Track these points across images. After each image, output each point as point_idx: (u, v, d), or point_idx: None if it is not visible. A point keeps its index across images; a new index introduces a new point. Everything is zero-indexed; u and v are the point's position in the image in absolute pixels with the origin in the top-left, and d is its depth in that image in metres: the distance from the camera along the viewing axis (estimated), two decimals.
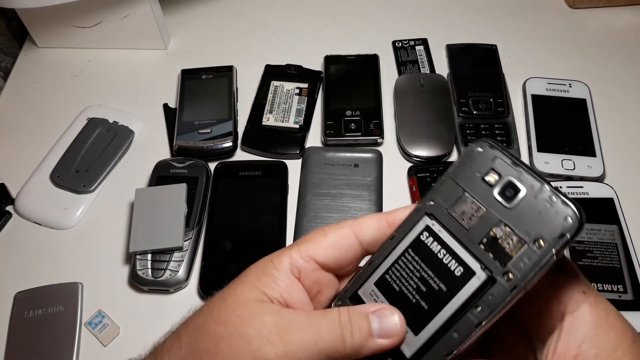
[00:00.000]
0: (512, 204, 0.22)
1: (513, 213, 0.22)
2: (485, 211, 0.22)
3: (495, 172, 0.22)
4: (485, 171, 0.23)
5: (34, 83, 0.61)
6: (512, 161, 0.22)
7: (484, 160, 0.23)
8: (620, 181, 0.50)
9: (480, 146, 0.23)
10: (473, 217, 0.23)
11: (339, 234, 0.25)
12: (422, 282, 0.24)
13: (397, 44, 0.62)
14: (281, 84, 0.57)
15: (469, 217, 0.23)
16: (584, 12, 0.64)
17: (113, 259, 0.48)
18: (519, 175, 0.22)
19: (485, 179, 0.22)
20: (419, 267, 0.24)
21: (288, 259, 0.24)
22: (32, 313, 0.44)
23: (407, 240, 0.24)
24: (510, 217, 0.22)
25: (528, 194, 0.21)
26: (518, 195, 0.22)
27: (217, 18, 0.66)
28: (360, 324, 0.23)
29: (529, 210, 0.21)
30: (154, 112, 0.57)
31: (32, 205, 0.50)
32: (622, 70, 0.59)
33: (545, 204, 0.21)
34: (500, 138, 0.52)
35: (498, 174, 0.22)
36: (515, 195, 0.22)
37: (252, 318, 0.22)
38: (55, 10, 0.57)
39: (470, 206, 0.23)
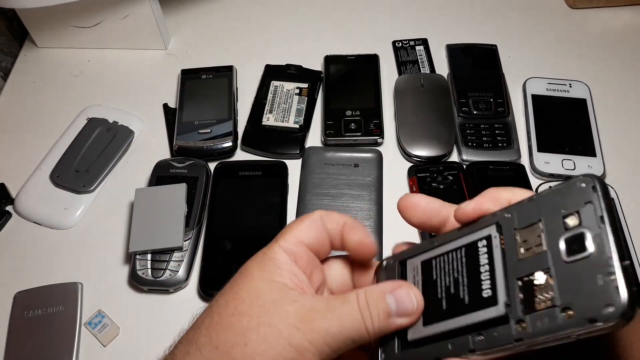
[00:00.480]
0: (570, 258, 0.19)
1: (565, 268, 0.19)
2: (543, 250, 0.20)
3: (578, 217, 0.20)
4: (570, 211, 0.20)
5: (34, 83, 0.61)
6: (602, 216, 0.19)
7: (578, 198, 0.20)
8: (621, 181, 0.50)
9: (585, 182, 0.20)
10: (530, 250, 0.21)
11: (312, 217, 0.26)
12: (454, 284, 0.23)
13: (397, 44, 0.62)
14: (281, 84, 0.57)
15: (527, 248, 0.21)
16: (584, 12, 0.64)
17: (113, 259, 0.48)
18: (598, 234, 0.19)
19: (565, 219, 0.20)
20: (460, 269, 0.24)
21: (279, 248, 0.25)
22: (31, 313, 0.44)
23: (468, 238, 0.24)
24: (560, 271, 0.19)
25: (592, 257, 0.19)
26: (582, 253, 0.19)
27: (217, 18, 0.66)
28: (378, 307, 0.23)
29: (581, 274, 0.19)
30: (153, 112, 0.57)
31: (31, 205, 0.50)
32: (623, 70, 0.59)
33: (600, 277, 0.18)
34: (501, 138, 0.52)
35: (579, 220, 0.19)
36: (579, 252, 0.19)
37: (275, 308, 0.23)
38: (55, 10, 0.57)
39: (535, 238, 0.21)
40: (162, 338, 0.43)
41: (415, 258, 0.26)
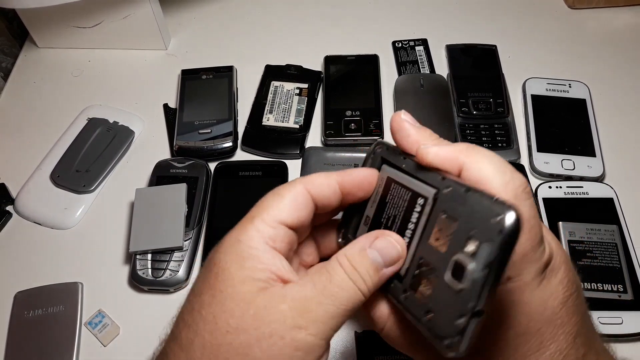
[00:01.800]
0: (449, 279, 0.21)
1: (443, 284, 0.21)
2: (442, 253, 0.22)
3: (475, 247, 0.20)
4: (475, 236, 0.21)
5: (34, 83, 0.61)
6: (490, 262, 0.20)
7: (487, 227, 0.20)
8: (620, 181, 0.50)
9: (500, 218, 0.20)
10: (437, 242, 0.22)
11: (294, 193, 0.24)
12: (392, 218, 0.25)
13: (397, 44, 0.62)
14: (281, 84, 0.57)
15: (437, 238, 0.23)
16: (583, 12, 0.64)
17: (113, 259, 0.48)
18: (475, 278, 0.20)
19: (468, 239, 0.21)
20: (400, 210, 0.25)
21: (256, 232, 0.23)
22: (32, 313, 0.44)
23: (417, 185, 0.24)
24: (439, 283, 0.21)
25: (460, 294, 0.20)
26: (457, 282, 0.21)
27: (217, 18, 0.66)
28: (365, 266, 0.23)
29: (449, 300, 0.21)
30: (154, 112, 0.57)
31: (32, 205, 0.50)
32: (622, 71, 0.59)
33: (456, 315, 0.20)
34: (500, 138, 0.52)
35: (475, 251, 0.20)
36: (456, 279, 0.21)
37: (268, 312, 0.21)
38: (56, 10, 0.57)
39: (445, 236, 0.22)
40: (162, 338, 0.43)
41: (389, 168, 0.27)
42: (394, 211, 0.25)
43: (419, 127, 0.26)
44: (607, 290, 0.43)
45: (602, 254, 0.44)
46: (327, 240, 0.29)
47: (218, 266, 0.23)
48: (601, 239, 0.45)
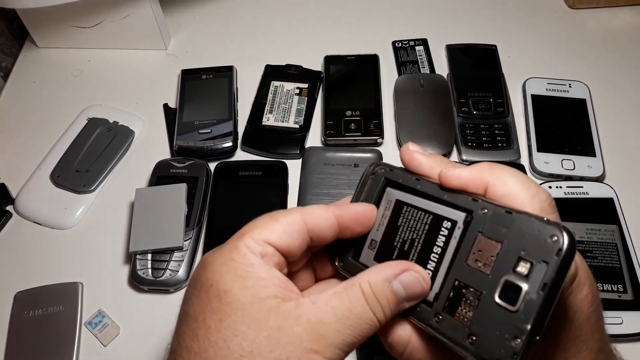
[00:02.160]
0: (499, 301, 0.21)
1: (491, 305, 0.21)
2: (487, 274, 0.21)
3: (528, 268, 0.20)
4: (527, 257, 0.20)
5: (34, 83, 0.61)
6: (546, 283, 0.19)
7: (541, 249, 0.20)
8: (620, 181, 0.50)
9: (558, 238, 0.20)
10: (478, 263, 0.22)
11: (289, 220, 0.24)
12: (410, 243, 0.25)
13: (397, 44, 0.62)
14: (281, 84, 0.57)
15: (477, 259, 0.22)
16: (583, 12, 0.64)
17: (113, 259, 0.48)
18: (531, 299, 0.20)
19: (519, 260, 0.20)
20: (419, 233, 0.24)
21: (247, 249, 0.23)
22: (32, 313, 0.44)
23: (439, 208, 0.24)
24: (486, 304, 0.21)
25: (514, 315, 0.20)
26: (509, 304, 0.20)
27: (217, 18, 0.66)
28: (387, 297, 0.22)
29: (498, 321, 0.20)
30: (154, 112, 0.57)
31: (32, 205, 0.50)
32: (622, 71, 0.59)
33: (507, 336, 0.20)
34: (500, 138, 0.52)
35: (528, 272, 0.20)
36: (508, 301, 0.20)
37: (283, 334, 0.21)
38: (56, 10, 0.57)
39: (488, 257, 0.22)
40: (162, 338, 0.43)
41: (395, 190, 0.26)
42: (410, 235, 0.25)
43: (430, 154, 0.26)
44: (607, 290, 0.43)
45: (602, 254, 0.44)
46: (324, 265, 0.28)
47: (217, 288, 0.22)
48: (601, 239, 0.45)
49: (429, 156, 0.26)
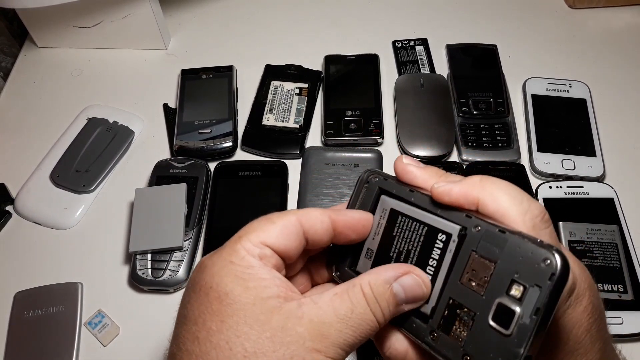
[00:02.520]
0: (493, 323, 0.20)
1: (484, 327, 0.21)
2: (480, 295, 0.21)
3: (522, 292, 0.20)
4: (520, 280, 0.20)
5: (34, 83, 0.61)
6: (539, 308, 0.19)
7: (534, 272, 0.20)
8: (621, 181, 0.50)
9: (551, 262, 0.19)
10: (472, 282, 0.22)
11: (285, 221, 0.24)
12: (405, 253, 0.24)
13: (397, 44, 0.62)
14: (281, 84, 0.57)
15: (471, 278, 0.22)
16: (583, 12, 0.64)
17: (113, 259, 0.48)
18: (524, 323, 0.19)
19: (512, 283, 0.20)
20: (415, 245, 0.24)
21: (245, 252, 0.23)
22: (31, 313, 0.44)
23: (434, 220, 0.24)
24: (479, 325, 0.21)
25: (507, 339, 0.20)
26: (502, 327, 0.20)
27: (217, 18, 0.66)
28: (387, 299, 0.22)
29: (491, 343, 0.20)
30: (154, 112, 0.57)
31: (32, 205, 0.50)
32: (622, 70, 0.59)
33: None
34: (501, 138, 0.52)
35: (521, 296, 0.20)
36: (501, 324, 0.20)
37: (285, 334, 0.21)
38: (56, 10, 0.57)
39: (482, 277, 0.22)
40: (162, 338, 0.43)
41: (390, 199, 0.26)
42: (406, 245, 0.25)
43: (424, 166, 0.26)
44: (608, 290, 0.43)
45: (603, 254, 0.44)
46: (321, 269, 0.28)
47: (217, 290, 0.22)
48: (601, 239, 0.45)
49: (423, 169, 0.26)
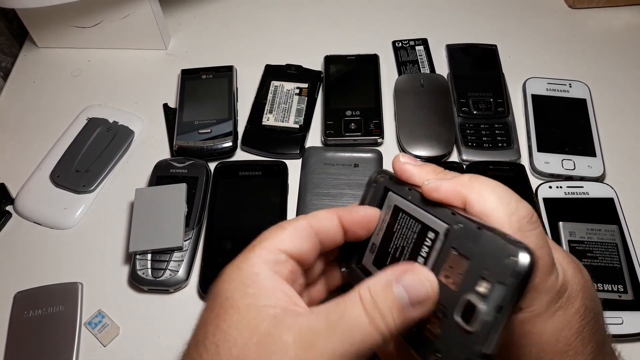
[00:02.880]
0: (459, 320, 0.20)
1: (453, 325, 0.20)
2: (454, 291, 0.21)
3: (488, 289, 0.20)
4: (488, 277, 0.20)
5: (34, 83, 0.61)
6: (501, 306, 0.19)
7: (500, 269, 0.19)
8: (621, 181, 0.50)
9: (514, 259, 0.19)
10: (448, 279, 0.22)
11: (296, 226, 0.24)
12: (401, 250, 0.25)
13: (397, 44, 0.62)
14: (281, 84, 0.57)
15: (447, 275, 0.22)
16: (583, 12, 0.64)
17: (113, 259, 0.48)
18: (487, 321, 0.19)
19: (481, 279, 0.20)
20: (409, 241, 0.25)
21: (257, 259, 0.23)
22: (31, 313, 0.44)
23: (427, 218, 0.24)
24: (449, 323, 0.21)
25: (470, 336, 0.20)
26: (467, 324, 0.20)
27: (217, 18, 0.66)
28: (387, 303, 0.20)
29: (458, 340, 0.20)
30: (154, 112, 0.57)
31: (32, 205, 0.50)
32: (622, 70, 0.59)
33: (464, 358, 0.20)
34: (501, 138, 0.52)
35: (487, 293, 0.20)
36: (467, 321, 0.20)
37: (271, 342, 0.20)
38: (56, 10, 0.57)
39: (457, 274, 0.22)
40: (162, 338, 0.43)
41: (395, 196, 0.26)
42: (402, 242, 0.25)
43: (422, 164, 0.26)
44: (608, 290, 0.43)
45: (603, 254, 0.44)
46: (335, 275, 0.29)
47: (221, 295, 0.22)
48: (601, 239, 0.45)
49: (419, 167, 0.26)
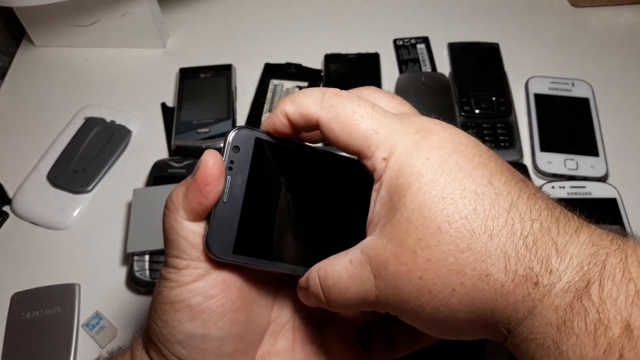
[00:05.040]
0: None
1: None
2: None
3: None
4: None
5: (32, 82, 0.61)
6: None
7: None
8: (624, 181, 0.49)
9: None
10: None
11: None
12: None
13: (398, 43, 0.61)
14: (281, 83, 0.57)
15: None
16: (586, 10, 0.64)
17: (110, 260, 0.47)
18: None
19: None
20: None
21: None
22: (29, 314, 0.43)
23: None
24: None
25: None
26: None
27: (215, 16, 0.65)
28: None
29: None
30: (151, 111, 0.57)
31: (29, 206, 0.50)
32: (625, 69, 0.58)
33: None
34: (503, 137, 0.52)
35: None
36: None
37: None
38: (53, 8, 0.56)
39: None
40: None
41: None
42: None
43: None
44: None
45: None
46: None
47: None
48: None
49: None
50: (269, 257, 0.25)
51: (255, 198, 0.25)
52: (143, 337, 0.28)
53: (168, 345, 0.25)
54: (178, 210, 0.24)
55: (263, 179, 0.25)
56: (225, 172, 0.24)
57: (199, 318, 0.24)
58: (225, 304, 0.25)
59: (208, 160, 0.23)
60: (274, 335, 0.29)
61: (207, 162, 0.23)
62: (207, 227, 0.24)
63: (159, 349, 0.26)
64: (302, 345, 0.29)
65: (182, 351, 0.25)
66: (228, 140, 0.25)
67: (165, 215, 0.25)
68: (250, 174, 0.25)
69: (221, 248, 0.24)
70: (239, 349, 0.26)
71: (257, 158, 0.25)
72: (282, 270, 0.26)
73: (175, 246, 0.24)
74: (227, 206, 0.24)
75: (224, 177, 0.24)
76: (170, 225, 0.25)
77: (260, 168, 0.25)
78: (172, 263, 0.25)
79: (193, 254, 0.24)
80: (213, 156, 0.23)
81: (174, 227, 0.24)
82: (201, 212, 0.24)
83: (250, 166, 0.25)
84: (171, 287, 0.24)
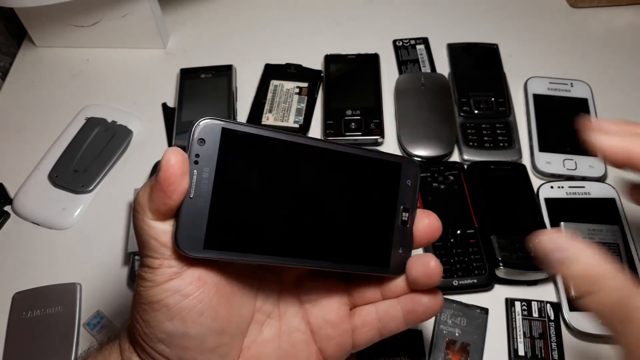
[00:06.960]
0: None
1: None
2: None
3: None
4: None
5: (33, 83, 0.61)
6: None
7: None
8: (622, 181, 0.49)
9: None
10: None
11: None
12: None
13: (397, 43, 0.62)
14: (281, 83, 0.57)
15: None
16: (585, 11, 0.64)
17: (112, 260, 0.47)
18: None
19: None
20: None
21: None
22: (30, 314, 0.43)
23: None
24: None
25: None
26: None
27: (216, 17, 0.65)
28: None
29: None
30: (152, 111, 0.57)
31: (30, 206, 0.50)
32: (624, 70, 0.59)
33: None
34: (502, 138, 0.52)
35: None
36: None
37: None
38: (54, 9, 0.56)
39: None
40: None
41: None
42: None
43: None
44: None
45: None
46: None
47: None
48: (603, 240, 0.45)
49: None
50: (243, 250, 0.25)
51: (225, 190, 0.24)
52: (129, 334, 0.28)
53: (151, 344, 0.25)
54: (145, 212, 0.24)
55: (233, 170, 0.24)
56: (191, 166, 0.23)
57: (177, 317, 0.24)
58: (203, 300, 0.25)
59: (169, 158, 0.22)
60: (259, 324, 0.29)
61: (168, 160, 0.22)
62: (174, 225, 0.24)
63: (143, 347, 0.26)
64: (288, 332, 0.29)
65: (165, 349, 0.25)
66: (192, 133, 0.23)
67: (134, 216, 0.25)
68: (219, 166, 0.23)
69: (191, 244, 0.23)
70: (223, 342, 0.26)
71: (225, 149, 0.24)
72: (258, 261, 0.25)
73: (146, 246, 0.24)
74: (195, 201, 0.23)
75: (188, 173, 0.23)
76: (139, 226, 0.24)
77: (229, 159, 0.24)
78: (147, 263, 0.24)
79: (165, 253, 0.24)
80: (175, 154, 0.23)
81: (143, 228, 0.24)
82: (167, 212, 0.24)
83: (218, 158, 0.23)
84: (148, 287, 0.24)
